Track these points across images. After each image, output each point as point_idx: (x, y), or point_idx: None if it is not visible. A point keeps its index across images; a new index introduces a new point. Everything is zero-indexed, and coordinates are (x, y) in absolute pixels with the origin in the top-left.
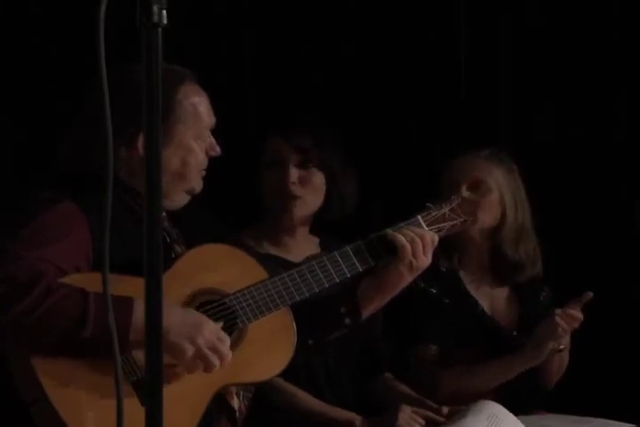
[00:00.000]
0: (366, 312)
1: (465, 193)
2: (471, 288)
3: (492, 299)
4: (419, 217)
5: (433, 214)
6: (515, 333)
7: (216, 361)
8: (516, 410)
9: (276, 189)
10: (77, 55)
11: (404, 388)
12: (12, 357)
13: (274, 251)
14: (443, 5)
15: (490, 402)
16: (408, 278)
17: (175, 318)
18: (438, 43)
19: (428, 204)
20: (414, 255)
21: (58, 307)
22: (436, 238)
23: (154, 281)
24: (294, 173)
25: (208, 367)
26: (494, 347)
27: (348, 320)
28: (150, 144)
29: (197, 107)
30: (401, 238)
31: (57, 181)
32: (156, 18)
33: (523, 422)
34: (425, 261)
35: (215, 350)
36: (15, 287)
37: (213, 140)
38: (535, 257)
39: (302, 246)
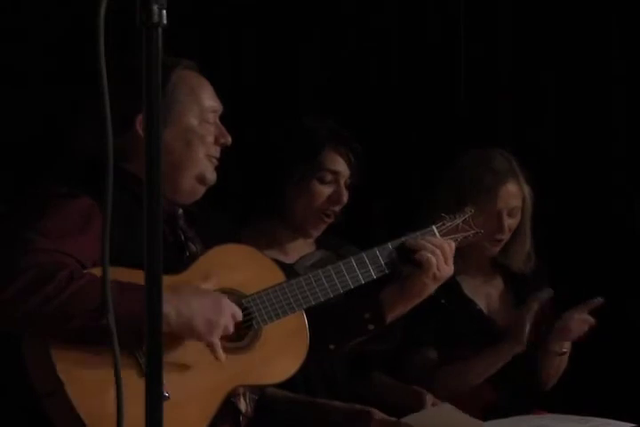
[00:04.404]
0: (389, 318)
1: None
2: (468, 289)
3: (489, 300)
4: (434, 227)
5: (447, 225)
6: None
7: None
8: (516, 410)
9: (319, 204)
10: (77, 55)
11: (394, 381)
12: (28, 349)
13: (270, 252)
14: (443, 5)
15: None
16: (432, 287)
17: (194, 302)
18: (438, 43)
19: (443, 214)
20: (437, 267)
21: (80, 293)
22: (454, 247)
23: (153, 277)
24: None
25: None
26: None
27: (371, 326)
28: (150, 145)
29: (195, 88)
30: (424, 253)
31: (72, 175)
32: (156, 18)
33: (522, 422)
34: (448, 270)
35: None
36: (39, 275)
37: (223, 127)
38: (523, 255)
39: (300, 247)
